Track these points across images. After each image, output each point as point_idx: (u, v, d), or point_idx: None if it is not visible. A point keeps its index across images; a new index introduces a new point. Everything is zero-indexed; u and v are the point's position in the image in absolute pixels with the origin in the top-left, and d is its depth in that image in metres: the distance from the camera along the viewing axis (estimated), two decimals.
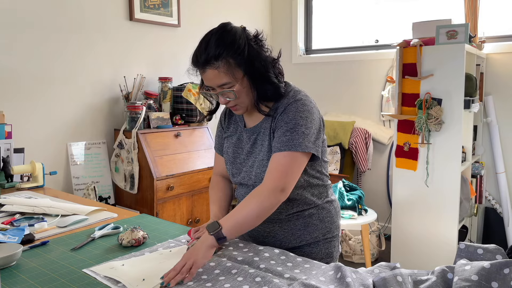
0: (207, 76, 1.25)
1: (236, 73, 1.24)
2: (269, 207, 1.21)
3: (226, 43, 1.22)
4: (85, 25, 2.79)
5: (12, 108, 2.47)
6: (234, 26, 1.28)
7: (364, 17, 3.85)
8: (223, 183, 1.53)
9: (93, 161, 2.86)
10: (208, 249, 1.16)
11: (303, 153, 1.25)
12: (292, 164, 1.23)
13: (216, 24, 1.30)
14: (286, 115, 1.28)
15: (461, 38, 2.56)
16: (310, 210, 1.38)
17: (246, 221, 1.20)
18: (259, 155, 1.34)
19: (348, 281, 1.01)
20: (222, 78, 1.24)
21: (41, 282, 1.10)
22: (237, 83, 1.25)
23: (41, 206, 1.70)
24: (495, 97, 3.18)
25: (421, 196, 2.77)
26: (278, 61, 1.34)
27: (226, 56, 1.22)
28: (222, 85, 1.25)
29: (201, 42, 1.26)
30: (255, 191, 1.23)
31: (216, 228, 1.18)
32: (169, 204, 2.80)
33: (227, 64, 1.22)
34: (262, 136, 1.35)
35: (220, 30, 1.26)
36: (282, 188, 1.21)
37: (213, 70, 1.23)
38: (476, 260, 1.01)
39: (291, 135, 1.24)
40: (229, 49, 1.22)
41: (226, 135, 1.48)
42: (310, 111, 1.29)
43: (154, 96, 3.06)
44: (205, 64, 1.23)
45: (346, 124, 3.63)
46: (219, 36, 1.23)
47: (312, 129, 1.28)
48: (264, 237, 1.40)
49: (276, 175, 1.22)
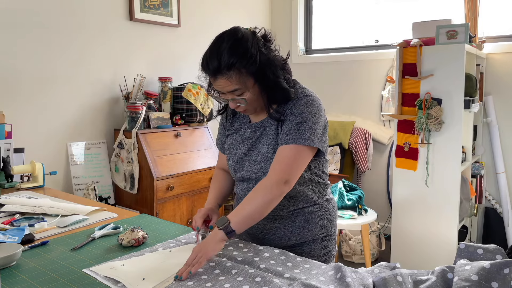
0: (218, 83, 1.26)
1: (248, 81, 1.25)
2: (273, 199, 1.23)
3: (239, 53, 1.22)
4: (85, 25, 2.79)
5: (12, 108, 2.47)
6: (245, 32, 1.26)
7: (364, 17, 3.85)
8: (223, 175, 1.55)
9: (93, 161, 2.86)
10: (218, 242, 1.19)
11: (309, 147, 1.27)
12: (297, 157, 1.25)
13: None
14: (295, 109, 1.29)
15: (461, 38, 2.56)
16: (310, 207, 1.40)
17: (252, 213, 1.22)
18: (263, 148, 1.35)
19: (348, 281, 1.01)
20: (233, 86, 1.25)
21: (41, 282, 1.10)
22: (247, 90, 1.26)
23: (41, 206, 1.70)
24: (495, 97, 3.18)
25: (421, 196, 2.77)
26: (286, 62, 1.34)
27: (239, 66, 1.22)
28: (233, 92, 1.26)
29: (212, 49, 1.25)
30: (259, 184, 1.25)
31: (224, 222, 1.20)
32: (169, 204, 2.80)
33: (239, 73, 1.23)
34: (268, 130, 1.36)
35: (232, 37, 1.24)
36: (286, 180, 1.23)
37: (225, 80, 1.24)
38: (476, 260, 1.01)
39: (298, 128, 1.26)
40: (242, 60, 1.22)
41: (230, 133, 1.49)
42: (319, 107, 1.32)
43: (154, 96, 3.06)
44: (216, 73, 1.23)
45: (346, 124, 3.63)
46: (231, 44, 1.22)
47: (319, 125, 1.30)
48: (264, 234, 1.41)
49: (281, 167, 1.24)
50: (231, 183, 1.55)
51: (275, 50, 1.31)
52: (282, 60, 1.32)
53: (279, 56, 1.32)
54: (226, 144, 1.49)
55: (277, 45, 1.33)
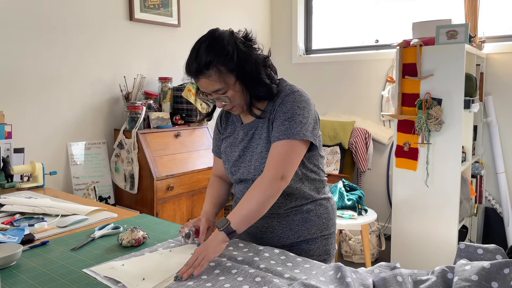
0: (201, 84, 1.30)
1: (228, 79, 1.27)
2: (271, 195, 1.24)
3: (215, 51, 1.25)
4: (85, 25, 2.79)
5: (12, 108, 2.47)
6: (222, 31, 1.30)
7: (364, 17, 3.85)
8: (219, 183, 1.56)
9: (93, 161, 2.86)
10: (219, 244, 1.19)
11: (301, 141, 1.28)
12: (290, 152, 1.26)
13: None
14: (284, 106, 1.31)
15: (461, 38, 2.56)
16: (308, 205, 1.40)
17: (251, 212, 1.22)
18: (257, 148, 1.36)
19: (348, 281, 1.01)
20: (215, 85, 1.27)
21: (41, 282, 1.10)
22: (229, 88, 1.29)
23: (41, 206, 1.70)
24: (495, 97, 3.18)
25: (421, 196, 2.77)
26: (268, 59, 1.36)
27: (216, 64, 1.24)
28: (216, 91, 1.29)
29: (191, 52, 1.30)
30: (256, 182, 1.26)
31: (224, 223, 1.21)
32: (169, 204, 2.80)
33: (218, 71, 1.25)
34: (260, 130, 1.37)
35: (208, 37, 1.28)
36: (282, 176, 1.24)
37: (205, 79, 1.27)
38: (476, 260, 1.01)
39: (289, 124, 1.28)
40: (218, 57, 1.24)
41: (224, 137, 1.50)
42: (307, 101, 1.33)
43: (154, 96, 3.06)
44: (197, 74, 1.27)
45: (346, 124, 3.63)
46: (207, 44, 1.26)
47: (309, 119, 1.31)
48: (263, 232, 1.41)
49: (275, 163, 1.25)
50: (228, 191, 1.57)
51: (258, 49, 1.33)
52: (264, 57, 1.34)
53: (261, 54, 1.34)
54: (221, 148, 1.50)
55: (261, 45, 1.36)
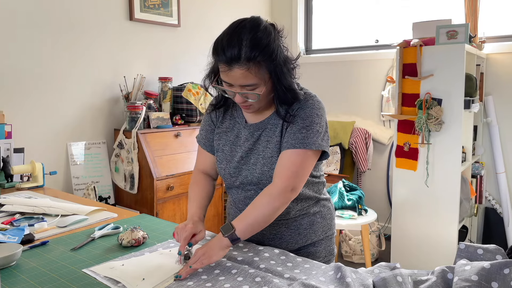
0: (233, 74, 1.16)
1: (265, 76, 1.19)
2: (279, 206, 1.21)
3: (262, 46, 1.15)
4: (85, 25, 2.79)
5: (12, 108, 2.47)
6: (266, 24, 1.19)
7: (364, 17, 3.85)
8: (205, 181, 1.44)
9: (93, 161, 2.86)
10: (223, 249, 1.17)
11: (315, 151, 1.25)
12: (304, 163, 1.23)
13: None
14: (303, 111, 1.25)
15: (461, 38, 2.56)
16: (314, 207, 1.39)
17: (258, 221, 1.20)
18: (264, 152, 1.29)
19: (348, 281, 1.01)
20: (250, 79, 1.17)
21: (41, 282, 1.10)
22: (263, 85, 1.20)
23: (41, 206, 1.70)
24: (495, 97, 3.18)
25: (421, 196, 2.77)
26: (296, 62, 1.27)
27: (260, 59, 1.15)
28: (247, 85, 1.18)
29: (231, 35, 1.16)
30: (265, 191, 1.22)
31: (230, 230, 1.18)
32: (169, 204, 2.80)
33: (258, 66, 1.16)
34: (268, 132, 1.30)
35: (254, 28, 1.16)
36: (293, 188, 1.21)
37: (243, 71, 1.15)
38: (476, 260, 1.01)
39: (306, 132, 1.23)
40: (264, 53, 1.15)
41: (219, 131, 1.40)
42: (323, 108, 1.30)
43: (154, 96, 3.06)
44: (234, 62, 1.14)
45: (346, 124, 3.63)
46: (253, 36, 1.14)
47: (324, 127, 1.28)
48: (270, 239, 1.37)
49: (288, 174, 1.21)
50: (213, 187, 1.46)
51: (286, 50, 1.24)
52: (293, 60, 1.25)
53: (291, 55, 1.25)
54: (215, 143, 1.41)
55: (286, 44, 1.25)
